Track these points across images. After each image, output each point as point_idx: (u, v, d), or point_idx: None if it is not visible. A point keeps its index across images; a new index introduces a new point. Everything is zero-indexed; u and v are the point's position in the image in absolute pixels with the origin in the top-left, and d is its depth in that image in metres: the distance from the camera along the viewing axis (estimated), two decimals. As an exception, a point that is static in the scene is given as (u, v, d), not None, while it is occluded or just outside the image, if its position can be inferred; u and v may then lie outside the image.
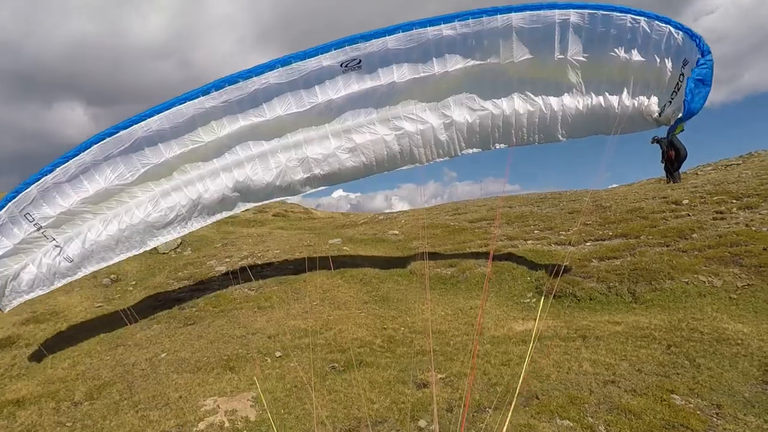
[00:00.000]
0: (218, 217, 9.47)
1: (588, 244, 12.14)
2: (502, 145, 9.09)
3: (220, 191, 9.00)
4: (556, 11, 7.62)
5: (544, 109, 8.58)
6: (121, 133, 7.87)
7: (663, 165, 18.84)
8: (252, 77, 8.08)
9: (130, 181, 8.26)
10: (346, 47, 7.99)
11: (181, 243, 19.32)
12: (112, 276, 15.24)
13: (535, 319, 8.43)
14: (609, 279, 9.37)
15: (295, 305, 10.78)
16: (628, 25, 7.51)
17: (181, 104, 8.01)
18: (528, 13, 7.66)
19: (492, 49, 8.06)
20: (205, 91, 8.09)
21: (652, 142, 18.67)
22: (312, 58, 7.99)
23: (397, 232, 18.54)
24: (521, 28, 7.78)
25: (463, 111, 8.77)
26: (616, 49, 7.76)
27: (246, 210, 10.10)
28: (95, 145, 7.84)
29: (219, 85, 8.11)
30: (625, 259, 10.27)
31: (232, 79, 8.10)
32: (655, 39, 7.50)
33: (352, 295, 11.48)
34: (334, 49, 8.00)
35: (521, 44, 7.93)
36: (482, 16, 7.70)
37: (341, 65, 8.07)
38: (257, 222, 28.46)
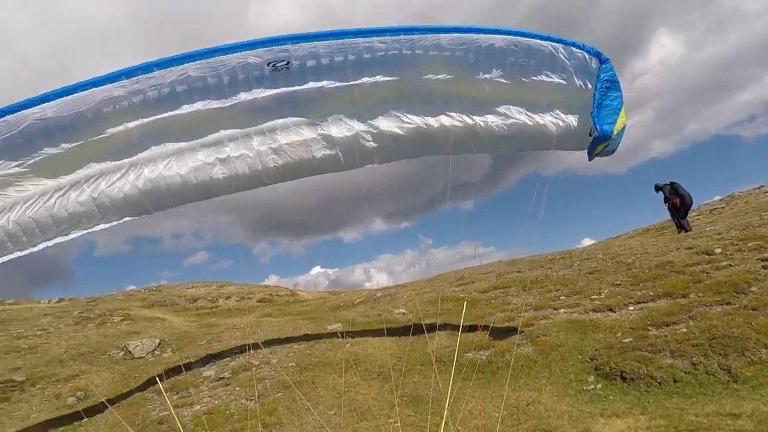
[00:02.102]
0: (123, 220, 8.33)
1: (631, 308, 10.81)
2: (432, 155, 9.29)
3: (126, 189, 8.01)
4: (482, 35, 8.03)
5: (470, 124, 8.78)
6: (7, 117, 6.88)
7: (669, 213, 18.27)
8: (169, 67, 7.38)
9: (16, 172, 7.31)
10: (275, 47, 7.70)
11: (159, 344, 16.99)
12: (78, 393, 12.81)
13: (617, 415, 6.80)
14: (687, 352, 7.92)
15: (308, 418, 8.80)
16: (548, 51, 8.09)
17: (84, 90, 7.11)
18: (456, 35, 7.99)
19: (420, 66, 8.23)
20: (113, 77, 7.20)
21: (656, 191, 18.22)
22: (237, 53, 7.54)
23: (403, 310, 16.85)
24: (450, 48, 8.07)
25: (390, 122, 8.75)
26: (538, 73, 8.28)
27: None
28: None
29: (131, 72, 7.28)
30: (688, 324, 8.94)
31: (146, 68, 7.31)
32: (574, 63, 8.15)
33: (374, 396, 9.60)
34: (262, 48, 7.67)
35: (449, 63, 8.22)
36: (413, 34, 7.89)
37: (269, 64, 7.75)
38: (241, 310, 26.12)
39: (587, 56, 8.11)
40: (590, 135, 8.19)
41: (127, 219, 8.29)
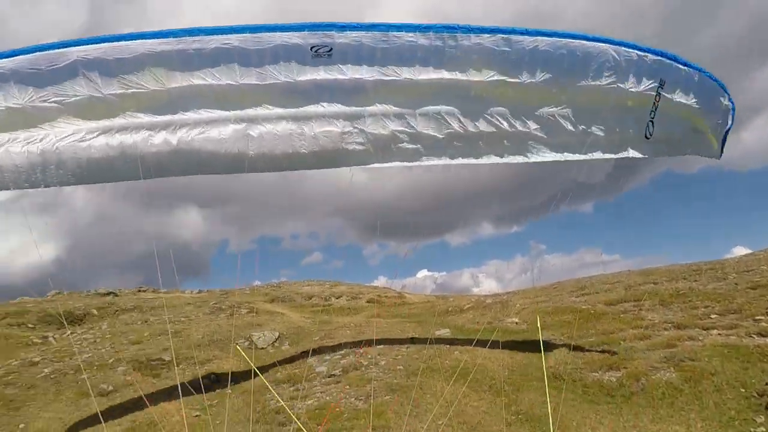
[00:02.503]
0: (144, 179, 8.00)
1: (814, 335, 8.69)
2: (467, 160, 8.73)
3: (157, 148, 7.83)
4: (527, 38, 7.67)
5: (509, 130, 8.40)
6: (52, 51, 6.93)
7: None
8: (215, 35, 7.31)
9: (55, 108, 7.30)
10: (319, 32, 7.48)
11: (278, 337, 18.23)
12: (211, 376, 14.23)
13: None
14: None
15: (416, 425, 8.56)
16: (596, 52, 7.70)
17: (129, 41, 7.13)
18: (500, 36, 7.66)
19: (462, 66, 7.90)
20: (160, 35, 7.24)
21: None
22: (282, 33, 7.37)
23: (516, 319, 15.82)
24: (492, 50, 7.72)
25: (428, 122, 8.36)
26: (586, 76, 7.88)
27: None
28: (22, 56, 6.94)
29: (177, 33, 7.28)
30: None
31: (192, 32, 7.30)
32: (624, 64, 7.76)
33: (485, 410, 9.02)
34: (307, 31, 7.46)
35: (491, 65, 7.88)
36: (457, 33, 7.58)
37: (311, 48, 7.52)
38: (352, 309, 27.05)
39: (641, 54, 7.90)
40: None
41: (148, 179, 8.07)
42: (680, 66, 7.92)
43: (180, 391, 12.95)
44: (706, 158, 8.71)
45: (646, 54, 7.82)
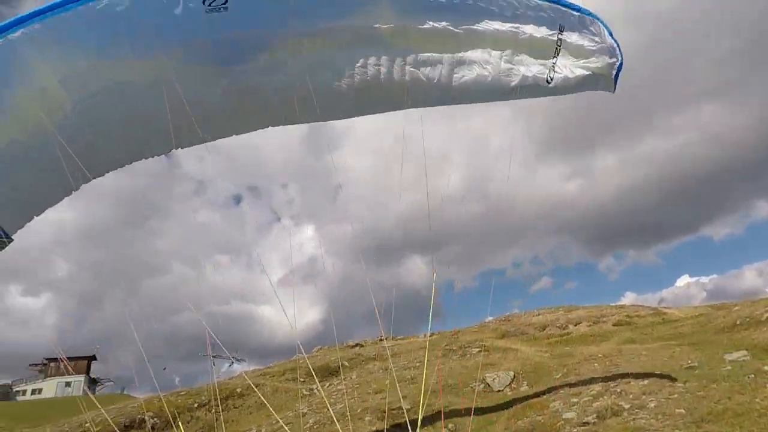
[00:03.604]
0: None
1: None
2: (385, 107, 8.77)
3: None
4: None
5: (422, 78, 8.33)
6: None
7: None
8: None
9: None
10: None
11: (514, 377, 16.50)
12: (450, 426, 13.49)
13: None
14: None
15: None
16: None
17: None
18: None
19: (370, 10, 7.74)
20: None
21: None
22: None
23: None
24: None
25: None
26: (486, 21, 7.99)
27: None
28: None
29: None
30: None
31: None
32: (522, 11, 7.94)
33: None
34: None
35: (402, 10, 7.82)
36: None
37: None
38: (596, 336, 23.08)
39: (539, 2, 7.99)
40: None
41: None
42: (573, 12, 8.12)
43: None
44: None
45: (543, 2, 7.99)
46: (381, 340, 35.88)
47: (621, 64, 8.14)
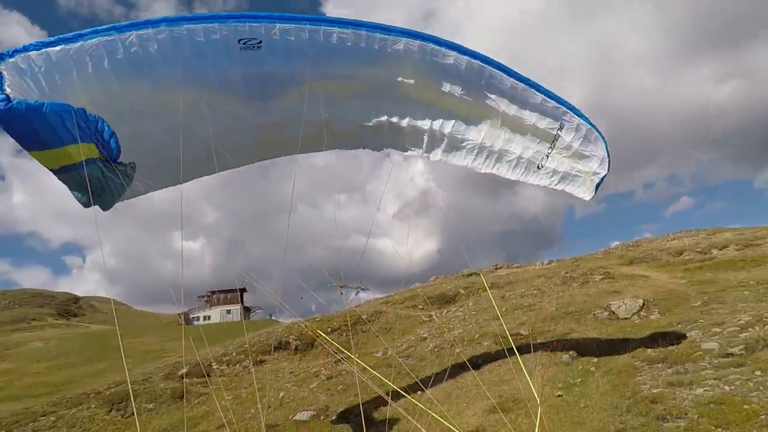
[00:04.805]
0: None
1: None
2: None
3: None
4: (452, 53, 8.35)
5: (423, 128, 9.32)
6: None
7: None
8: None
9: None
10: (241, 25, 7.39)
11: (643, 305, 15.50)
12: (571, 353, 13.38)
13: None
14: None
15: None
16: (509, 85, 8.53)
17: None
18: (430, 45, 8.35)
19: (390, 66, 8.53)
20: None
21: None
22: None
23: None
24: (421, 58, 8.41)
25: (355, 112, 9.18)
26: (496, 98, 8.73)
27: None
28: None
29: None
30: None
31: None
32: (531, 100, 8.59)
33: None
34: (233, 22, 7.34)
35: (417, 70, 8.62)
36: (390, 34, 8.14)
37: (240, 41, 7.37)
38: (748, 261, 20.19)
39: (546, 98, 8.57)
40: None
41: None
42: (574, 116, 8.58)
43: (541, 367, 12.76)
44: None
45: (549, 100, 8.53)
46: (497, 268, 35.93)
47: (605, 176, 8.67)
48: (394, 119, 9.15)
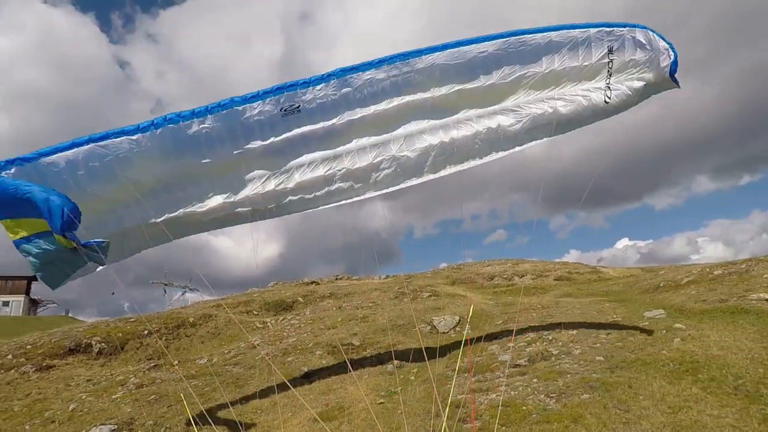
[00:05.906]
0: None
1: None
2: (446, 171, 9.17)
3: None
4: (475, 46, 8.35)
5: (480, 130, 8.88)
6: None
7: None
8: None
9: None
10: (285, 94, 8.35)
11: (459, 321, 17.66)
12: (395, 362, 14.43)
13: None
14: None
15: (627, 437, 6.75)
16: (543, 42, 8.36)
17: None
18: (449, 51, 8.34)
19: (422, 86, 8.58)
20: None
21: None
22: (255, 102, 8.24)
23: (765, 295, 11.82)
24: (446, 65, 8.43)
25: (402, 144, 8.92)
26: (540, 65, 8.50)
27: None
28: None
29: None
30: None
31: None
32: (571, 44, 8.41)
33: (733, 422, 6.60)
34: (273, 95, 8.28)
35: (449, 78, 8.55)
36: (409, 58, 8.34)
37: (281, 110, 8.34)
38: (538, 289, 24.82)
39: (582, 31, 8.44)
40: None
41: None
42: (620, 29, 8.31)
43: (368, 377, 13.37)
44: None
45: (588, 29, 8.34)
46: (337, 278, 36.75)
47: (674, 61, 8.02)
48: (440, 135, 8.91)
